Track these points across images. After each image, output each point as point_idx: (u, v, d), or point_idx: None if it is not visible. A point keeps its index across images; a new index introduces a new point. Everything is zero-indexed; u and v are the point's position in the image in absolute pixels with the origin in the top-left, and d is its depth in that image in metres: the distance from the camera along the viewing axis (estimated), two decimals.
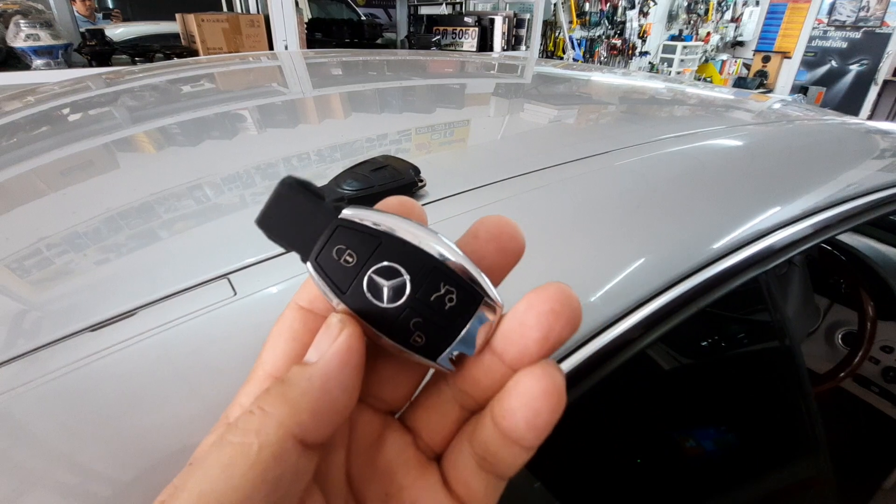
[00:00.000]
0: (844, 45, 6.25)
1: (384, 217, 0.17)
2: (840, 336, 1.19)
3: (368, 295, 0.17)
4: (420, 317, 0.17)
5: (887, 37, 5.85)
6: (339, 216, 0.17)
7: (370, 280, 0.17)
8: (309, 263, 0.17)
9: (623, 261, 0.37)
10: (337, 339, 0.16)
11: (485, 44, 3.32)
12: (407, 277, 0.17)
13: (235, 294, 0.29)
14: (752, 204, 0.47)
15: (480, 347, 0.17)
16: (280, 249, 0.32)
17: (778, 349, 0.56)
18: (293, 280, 0.31)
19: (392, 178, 0.35)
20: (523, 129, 0.62)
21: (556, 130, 0.60)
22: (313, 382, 0.15)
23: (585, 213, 0.40)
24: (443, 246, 0.17)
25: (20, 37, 1.76)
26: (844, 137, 0.69)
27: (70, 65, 1.87)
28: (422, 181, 0.38)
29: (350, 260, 0.17)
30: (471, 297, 0.17)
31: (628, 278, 0.36)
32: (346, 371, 0.15)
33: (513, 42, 3.49)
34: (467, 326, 0.17)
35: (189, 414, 0.24)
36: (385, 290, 0.17)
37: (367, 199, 0.34)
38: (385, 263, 0.17)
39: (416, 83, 0.87)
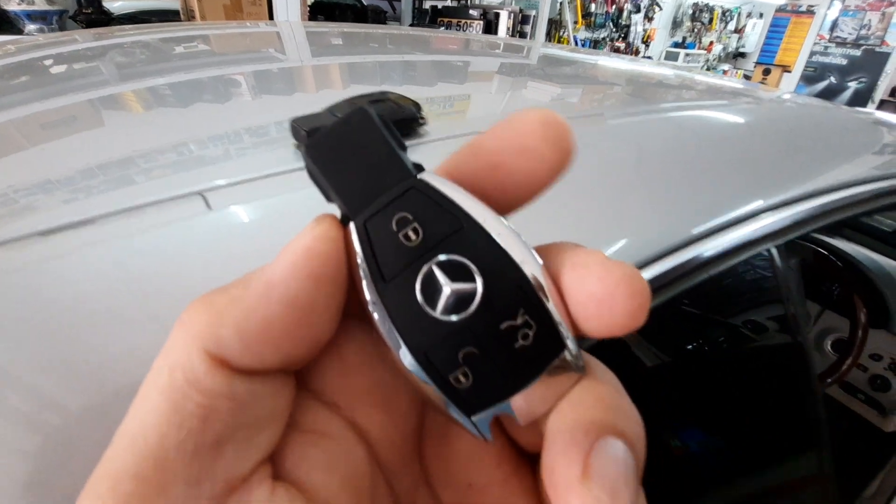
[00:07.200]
0: (844, 62, 6.31)
1: (472, 201, 0.13)
2: (830, 343, 1.19)
3: (419, 294, 0.12)
4: (477, 347, 0.12)
5: (886, 56, 5.90)
6: (418, 176, 0.13)
7: (429, 274, 0.12)
8: (353, 224, 0.12)
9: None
10: (300, 238, 0.12)
11: None
12: (479, 286, 0.12)
13: (210, 209, 0.27)
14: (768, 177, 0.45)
15: (535, 416, 0.12)
16: (263, 170, 0.29)
17: (791, 345, 0.55)
18: (281, 197, 0.28)
19: (391, 111, 0.34)
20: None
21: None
22: (251, 288, 0.11)
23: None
24: (533, 261, 0.12)
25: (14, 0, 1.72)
26: (854, 123, 0.68)
27: (64, 32, 1.82)
28: (423, 118, 0.36)
29: (412, 238, 0.12)
30: (551, 342, 0.12)
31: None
32: (295, 283, 0.11)
33: (517, 38, 3.48)
34: (534, 381, 0.12)
35: (149, 337, 0.22)
36: (444, 295, 0.12)
37: None
38: (457, 258, 0.12)
39: (451, 59, 0.85)
